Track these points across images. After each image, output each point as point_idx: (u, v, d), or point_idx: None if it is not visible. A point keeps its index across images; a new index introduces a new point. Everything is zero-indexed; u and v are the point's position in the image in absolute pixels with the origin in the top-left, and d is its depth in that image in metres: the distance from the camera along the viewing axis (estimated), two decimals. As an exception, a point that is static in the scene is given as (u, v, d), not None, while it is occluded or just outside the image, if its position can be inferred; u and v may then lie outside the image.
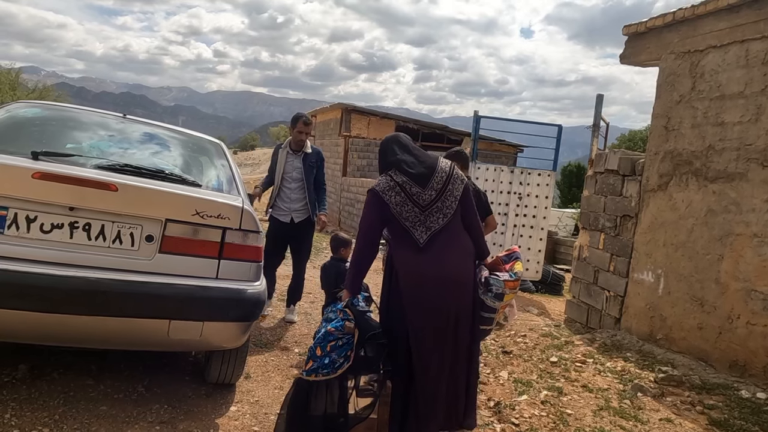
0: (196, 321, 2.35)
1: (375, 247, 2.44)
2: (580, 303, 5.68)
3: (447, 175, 2.41)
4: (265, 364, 3.54)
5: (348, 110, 16.00)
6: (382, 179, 2.42)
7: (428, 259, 2.31)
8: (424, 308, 2.29)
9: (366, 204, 2.42)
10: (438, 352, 2.29)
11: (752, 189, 3.84)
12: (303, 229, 4.46)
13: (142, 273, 2.31)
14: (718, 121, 4.15)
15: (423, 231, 2.33)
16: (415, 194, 2.34)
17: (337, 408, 2.21)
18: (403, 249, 2.36)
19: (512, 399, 3.37)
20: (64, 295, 2.15)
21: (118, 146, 2.80)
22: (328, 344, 2.24)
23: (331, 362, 2.21)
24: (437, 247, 2.33)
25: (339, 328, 2.28)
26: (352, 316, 2.30)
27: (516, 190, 8.07)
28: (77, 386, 2.75)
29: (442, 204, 2.37)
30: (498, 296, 2.46)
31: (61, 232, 2.24)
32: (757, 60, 3.85)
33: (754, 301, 3.76)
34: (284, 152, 4.45)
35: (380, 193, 2.35)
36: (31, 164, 2.24)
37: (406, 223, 2.33)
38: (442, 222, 2.36)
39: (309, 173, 4.40)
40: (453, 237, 2.39)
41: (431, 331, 2.29)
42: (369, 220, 2.41)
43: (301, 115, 4.44)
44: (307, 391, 2.20)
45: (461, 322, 2.36)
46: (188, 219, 2.38)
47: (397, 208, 2.33)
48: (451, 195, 2.39)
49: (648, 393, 3.55)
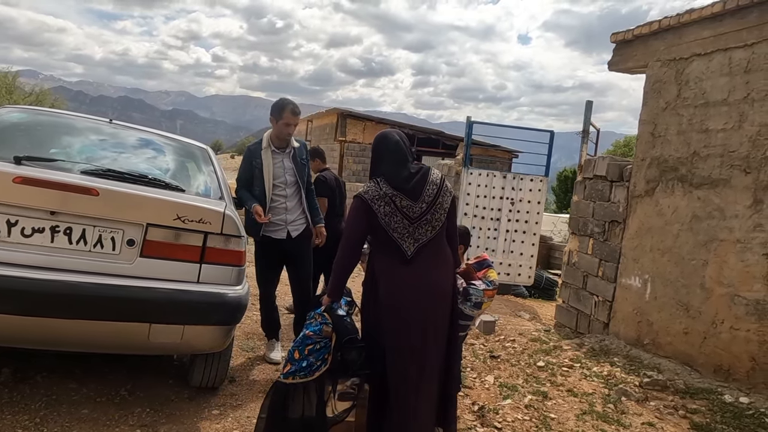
0: (176, 324, 2.36)
1: (358, 254, 2.41)
2: (570, 308, 5.70)
3: (438, 188, 2.37)
4: (250, 368, 3.55)
5: (343, 115, 16.07)
6: (371, 186, 2.36)
7: (413, 272, 2.29)
8: (404, 320, 2.27)
9: (352, 209, 2.38)
10: (416, 363, 2.28)
11: (735, 195, 3.88)
12: (302, 244, 3.62)
13: (122, 277, 2.33)
14: (703, 128, 4.19)
15: (411, 243, 2.31)
16: (405, 207, 2.30)
17: (315, 411, 2.23)
18: (388, 259, 2.33)
19: (496, 403, 3.38)
20: (45, 299, 2.16)
21: (103, 151, 2.82)
22: (306, 347, 2.26)
23: (309, 365, 2.23)
24: (422, 259, 2.31)
25: (317, 332, 2.30)
26: (330, 321, 2.31)
27: (508, 196, 8.11)
28: (60, 389, 2.76)
29: (431, 216, 2.33)
30: (477, 305, 2.50)
31: (42, 236, 2.26)
32: (740, 68, 3.90)
33: (738, 306, 3.79)
34: (268, 152, 3.49)
35: (369, 201, 2.30)
36: (13, 169, 2.26)
37: (394, 234, 2.29)
38: (430, 234, 2.34)
39: (303, 173, 3.62)
40: (438, 249, 2.37)
41: (410, 343, 2.27)
42: (354, 227, 2.35)
43: (288, 103, 3.47)
44: (285, 394, 2.21)
45: (439, 332, 2.34)
46: (169, 223, 2.40)
47: (385, 218, 2.29)
48: (441, 207, 2.36)
49: (632, 397, 3.57)
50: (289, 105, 3.46)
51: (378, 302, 2.32)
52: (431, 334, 2.30)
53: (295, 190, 3.57)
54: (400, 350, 2.27)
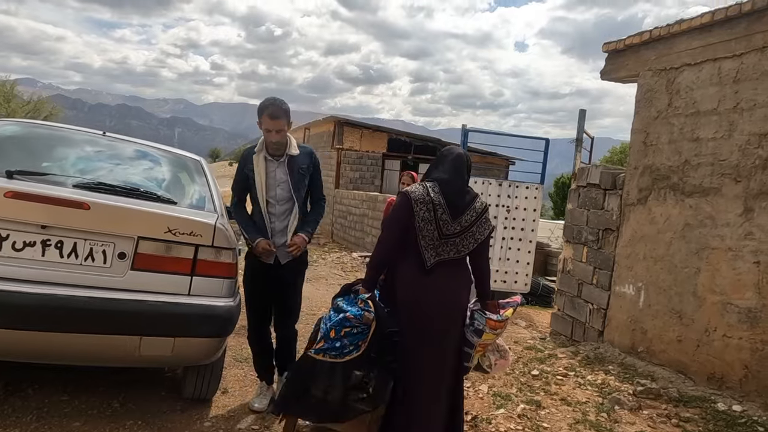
0: (167, 337, 2.37)
1: (396, 248, 2.43)
2: (565, 316, 5.71)
3: (477, 217, 2.45)
4: (243, 379, 3.55)
5: (341, 123, 16.12)
6: (419, 187, 2.42)
7: (431, 283, 2.36)
8: (419, 329, 2.34)
9: (396, 205, 2.44)
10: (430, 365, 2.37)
11: (726, 204, 3.90)
12: (291, 272, 3.05)
13: (113, 290, 2.34)
14: (694, 137, 4.22)
15: (432, 255, 2.37)
16: (443, 221, 2.37)
17: (335, 395, 2.24)
18: (408, 264, 2.39)
19: (489, 413, 3.38)
20: (36, 312, 2.17)
21: (95, 164, 2.84)
22: (343, 329, 2.26)
23: (342, 347, 2.24)
24: (440, 272, 2.38)
25: (358, 316, 2.29)
26: (372, 309, 2.31)
27: (504, 203, 8.13)
28: (52, 402, 2.76)
29: (460, 241, 2.41)
30: (477, 332, 2.47)
31: (33, 250, 2.27)
32: (729, 78, 3.94)
33: (730, 314, 3.80)
34: (260, 158, 2.98)
35: (413, 200, 2.36)
36: (4, 183, 2.27)
37: (422, 241, 2.36)
38: (452, 255, 2.40)
39: (299, 185, 3.01)
40: (456, 269, 2.45)
41: (425, 350, 2.35)
42: (394, 222, 2.42)
43: (267, 105, 2.89)
44: (312, 367, 2.23)
45: (452, 345, 2.44)
46: (161, 236, 2.41)
47: (421, 223, 2.35)
48: (473, 237, 2.44)
49: (625, 406, 3.57)
50: (268, 108, 2.87)
51: (396, 304, 2.38)
52: (445, 341, 2.39)
53: (286, 209, 3.00)
54: (416, 351, 2.34)
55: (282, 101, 2.94)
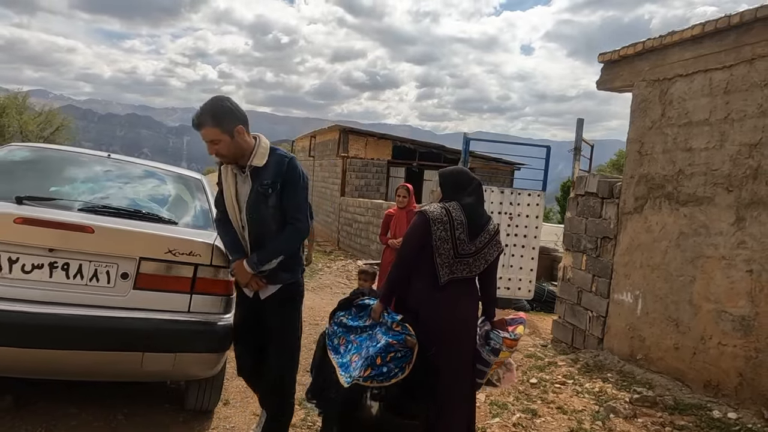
0: (168, 353, 2.48)
1: (412, 266, 2.54)
2: (566, 323, 5.76)
3: (489, 238, 2.57)
4: (244, 390, 3.63)
5: (345, 131, 16.26)
6: (436, 207, 2.53)
7: (444, 299, 2.49)
8: (438, 346, 2.46)
9: (413, 223, 2.56)
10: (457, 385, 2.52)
11: (719, 213, 3.95)
12: (276, 311, 2.51)
13: (117, 309, 2.46)
14: (687, 147, 4.28)
15: (447, 273, 2.49)
16: (460, 241, 2.48)
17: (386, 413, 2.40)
18: (422, 280, 2.51)
19: (485, 422, 3.45)
20: (45, 332, 2.30)
21: (100, 187, 2.97)
22: (389, 355, 2.37)
23: (388, 371, 2.36)
24: (452, 289, 2.50)
25: (400, 341, 2.40)
26: (411, 332, 2.42)
27: (506, 210, 8.20)
28: (60, 415, 2.87)
29: (473, 261, 2.53)
30: (494, 351, 2.58)
31: (41, 272, 2.39)
32: (720, 89, 3.99)
33: (725, 322, 3.85)
34: (227, 171, 2.50)
35: (430, 220, 2.47)
36: (15, 209, 2.40)
37: (438, 258, 2.47)
38: (465, 274, 2.52)
39: (259, 205, 2.43)
40: (467, 287, 2.58)
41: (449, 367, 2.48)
42: (411, 240, 2.53)
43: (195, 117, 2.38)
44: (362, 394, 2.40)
45: (466, 361, 2.57)
46: (161, 257, 2.53)
47: (437, 242, 2.46)
48: (483, 258, 2.55)
49: (620, 414, 3.62)
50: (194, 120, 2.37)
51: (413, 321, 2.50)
52: (462, 356, 2.54)
53: (258, 231, 2.47)
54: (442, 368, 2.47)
55: (216, 101, 2.37)
